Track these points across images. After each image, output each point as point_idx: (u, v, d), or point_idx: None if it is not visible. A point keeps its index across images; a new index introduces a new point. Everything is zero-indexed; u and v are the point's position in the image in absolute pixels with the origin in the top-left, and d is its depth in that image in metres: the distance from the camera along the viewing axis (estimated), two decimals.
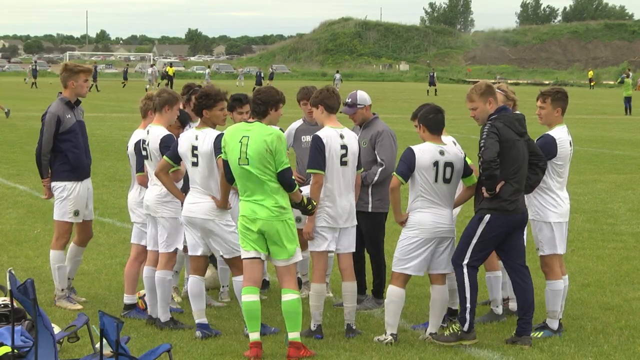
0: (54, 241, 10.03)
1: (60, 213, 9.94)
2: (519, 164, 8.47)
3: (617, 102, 57.92)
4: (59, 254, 9.96)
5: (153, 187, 9.20)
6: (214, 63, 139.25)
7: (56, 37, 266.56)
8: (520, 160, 8.48)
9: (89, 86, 10.09)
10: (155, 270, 9.24)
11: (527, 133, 8.62)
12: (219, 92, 8.88)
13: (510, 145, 8.40)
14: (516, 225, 8.58)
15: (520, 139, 8.50)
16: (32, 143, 28.22)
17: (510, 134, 8.44)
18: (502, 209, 8.44)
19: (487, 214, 8.47)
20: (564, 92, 9.25)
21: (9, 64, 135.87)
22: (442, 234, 8.62)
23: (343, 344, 8.63)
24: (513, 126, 8.48)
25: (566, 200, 9.13)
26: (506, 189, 8.42)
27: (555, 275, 9.06)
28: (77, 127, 9.93)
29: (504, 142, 8.38)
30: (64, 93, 9.93)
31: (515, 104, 9.47)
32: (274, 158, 8.18)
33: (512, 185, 8.44)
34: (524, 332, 8.66)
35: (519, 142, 8.48)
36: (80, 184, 9.92)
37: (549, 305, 9.05)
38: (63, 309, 9.80)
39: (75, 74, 9.86)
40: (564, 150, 9.01)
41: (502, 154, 8.36)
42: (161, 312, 9.12)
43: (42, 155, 9.87)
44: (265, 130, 8.28)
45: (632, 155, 27.83)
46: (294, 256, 8.30)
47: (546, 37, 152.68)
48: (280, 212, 8.21)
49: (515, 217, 8.52)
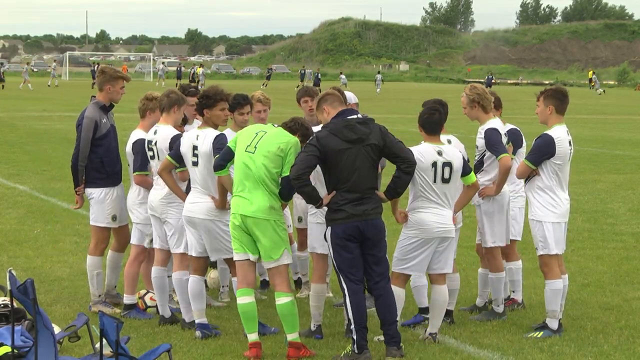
0: (92, 247, 9.93)
1: (99, 219, 9.84)
2: (349, 172, 8.01)
3: (617, 102, 57.98)
4: (97, 260, 9.88)
5: (158, 188, 9.20)
6: (214, 63, 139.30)
7: (56, 37, 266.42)
8: (350, 167, 8.00)
9: (124, 93, 10.01)
10: (163, 269, 9.28)
11: (370, 138, 8.06)
12: (219, 92, 8.88)
13: (336, 155, 8.00)
14: (358, 233, 8.05)
15: (352, 146, 8.01)
16: (32, 143, 28.44)
17: (335, 142, 8.01)
18: (336, 219, 8.07)
19: (327, 226, 8.21)
20: (558, 89, 9.20)
21: (9, 64, 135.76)
22: (442, 234, 8.61)
23: (343, 344, 8.63)
24: (341, 134, 8.03)
25: (566, 201, 9.09)
26: (336, 199, 8.09)
27: (554, 275, 9.05)
28: (111, 131, 9.89)
29: (328, 152, 8.00)
30: (99, 97, 9.85)
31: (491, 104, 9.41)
32: (283, 160, 8.18)
33: (343, 195, 8.05)
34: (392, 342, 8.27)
35: (351, 149, 8.00)
36: (115, 189, 9.87)
37: (549, 304, 9.05)
38: (64, 310, 9.80)
39: (114, 79, 9.78)
40: (562, 150, 8.99)
41: (328, 164, 8.05)
42: (184, 312, 9.10)
43: (79, 161, 9.71)
44: (284, 132, 8.32)
45: (632, 155, 27.84)
46: (281, 258, 8.26)
47: (546, 37, 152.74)
48: (269, 211, 8.20)
49: (353, 225, 8.03)
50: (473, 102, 9.39)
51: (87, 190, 9.84)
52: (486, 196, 9.40)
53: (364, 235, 8.10)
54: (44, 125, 36.03)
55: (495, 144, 9.20)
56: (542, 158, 8.98)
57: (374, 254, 8.18)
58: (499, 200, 9.43)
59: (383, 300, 8.20)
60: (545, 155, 8.95)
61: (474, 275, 10.97)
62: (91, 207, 9.89)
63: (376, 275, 8.20)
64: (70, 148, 9.89)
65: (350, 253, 8.09)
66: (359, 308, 8.08)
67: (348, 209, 8.04)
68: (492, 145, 9.22)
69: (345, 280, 8.13)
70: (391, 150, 8.16)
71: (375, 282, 8.21)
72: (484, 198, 9.44)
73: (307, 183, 8.01)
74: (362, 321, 8.08)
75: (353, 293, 8.10)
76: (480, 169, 9.46)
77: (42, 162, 23.55)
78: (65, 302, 10.17)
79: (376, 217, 8.16)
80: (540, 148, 8.98)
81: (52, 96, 61.30)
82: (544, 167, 9.02)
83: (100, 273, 9.89)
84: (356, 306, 8.08)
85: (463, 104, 9.49)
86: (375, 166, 8.19)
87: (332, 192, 8.12)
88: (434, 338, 8.73)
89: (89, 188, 9.82)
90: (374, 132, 8.13)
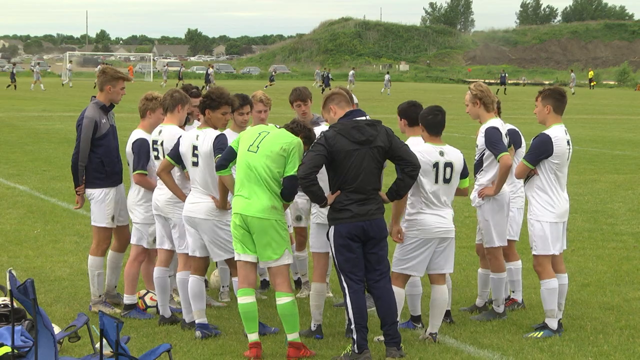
0: (94, 247, 9.92)
1: (99, 219, 9.84)
2: (355, 173, 8.05)
3: (617, 102, 57.98)
4: (99, 261, 9.88)
5: (164, 188, 9.21)
6: (214, 63, 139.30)
7: (56, 37, 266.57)
8: (357, 168, 8.04)
9: (124, 94, 10.01)
10: (165, 270, 9.29)
11: (377, 140, 8.09)
12: (224, 96, 8.87)
13: (343, 155, 8.04)
14: (362, 233, 8.08)
15: (359, 147, 8.06)
16: (32, 143, 28.44)
17: (344, 143, 8.05)
18: (341, 219, 8.09)
19: (330, 225, 8.22)
20: (555, 90, 9.21)
21: (8, 64, 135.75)
22: (442, 234, 8.62)
23: (343, 344, 8.63)
24: (349, 135, 8.06)
25: (564, 201, 9.09)
26: (341, 199, 8.12)
27: (547, 275, 9.04)
28: (111, 131, 9.88)
29: (336, 152, 8.05)
30: (99, 97, 9.85)
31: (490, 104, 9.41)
32: (286, 160, 8.18)
33: (348, 195, 8.08)
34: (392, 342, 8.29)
35: (359, 151, 8.04)
36: (115, 189, 9.86)
37: (546, 304, 9.04)
38: (65, 310, 9.80)
39: (115, 79, 9.77)
40: (560, 149, 8.99)
41: (335, 164, 8.08)
42: (185, 312, 9.09)
43: (79, 160, 9.71)
44: (287, 133, 8.32)
45: (632, 155, 27.83)
46: (281, 258, 8.27)
47: (546, 37, 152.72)
48: (271, 211, 8.20)
49: (357, 226, 8.05)
50: (475, 98, 9.37)
51: (88, 191, 9.84)
52: (486, 196, 9.40)
53: (367, 235, 8.11)
54: (44, 125, 36.04)
55: (495, 142, 9.20)
56: (540, 157, 8.99)
57: (376, 252, 8.19)
58: (500, 200, 9.42)
59: (383, 300, 8.20)
60: (542, 155, 8.96)
61: (474, 275, 10.97)
62: (91, 208, 9.89)
63: (377, 274, 8.20)
64: (70, 148, 9.89)
65: (352, 253, 8.10)
66: (360, 308, 8.09)
67: (353, 209, 8.06)
68: (492, 144, 9.21)
69: (346, 280, 8.13)
70: (396, 152, 8.18)
71: (376, 281, 8.21)
72: (483, 198, 9.44)
73: (315, 182, 8.02)
74: (363, 321, 8.09)
75: (354, 292, 8.10)
76: (479, 168, 9.46)
77: (42, 162, 23.56)
78: (65, 302, 10.17)
79: (379, 216, 8.19)
80: (538, 147, 8.98)
81: (52, 96, 61.30)
82: (542, 167, 9.02)
83: (102, 273, 9.89)
84: (357, 306, 8.08)
85: (466, 101, 9.49)
86: (380, 168, 8.23)
87: (337, 192, 8.13)
88: (434, 338, 8.73)
89: (89, 188, 9.82)
90: (381, 134, 8.16)
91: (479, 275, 9.96)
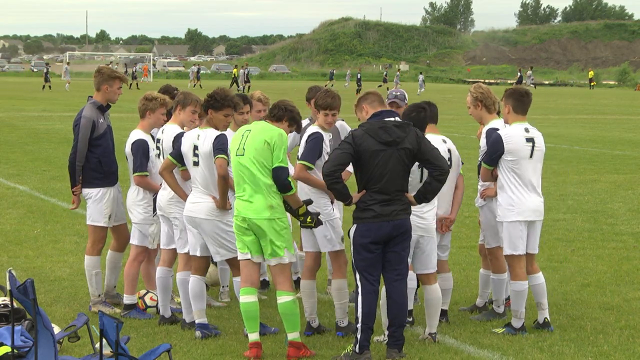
0: (89, 247, 9.93)
1: (96, 218, 9.84)
2: (380, 173, 8.02)
3: (617, 102, 57.99)
4: (95, 260, 9.88)
5: (167, 188, 9.20)
6: (214, 63, 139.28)
7: (56, 37, 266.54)
8: (382, 168, 8.00)
9: (121, 93, 10.00)
10: (168, 270, 9.30)
11: (404, 141, 8.03)
12: (228, 98, 8.87)
13: (369, 155, 8.00)
14: (384, 234, 8.07)
15: (386, 148, 8.01)
16: (32, 143, 28.44)
17: (370, 143, 8.02)
18: (363, 218, 8.10)
19: (354, 223, 8.21)
20: (516, 90, 9.21)
21: (8, 64, 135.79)
22: (419, 232, 8.62)
23: (343, 344, 8.63)
24: (376, 135, 8.03)
25: (529, 200, 8.97)
26: (365, 198, 8.11)
27: (516, 276, 9.01)
28: (108, 131, 9.88)
29: (363, 152, 8.01)
30: (96, 97, 9.84)
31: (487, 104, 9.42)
32: (271, 153, 8.20)
33: (372, 195, 8.06)
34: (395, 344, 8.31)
35: (385, 151, 8.00)
36: (112, 189, 9.86)
37: (512, 304, 9.04)
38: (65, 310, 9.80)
39: (112, 79, 9.77)
40: (513, 146, 8.91)
41: (361, 163, 8.06)
42: (185, 312, 9.10)
43: (77, 160, 9.71)
44: (268, 126, 8.35)
45: (632, 155, 27.82)
46: (283, 257, 8.29)
47: (546, 37, 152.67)
48: (270, 211, 8.21)
49: (381, 226, 8.04)
50: (477, 100, 9.37)
51: (85, 191, 9.83)
52: (488, 197, 9.40)
53: (390, 235, 8.09)
54: (44, 125, 36.04)
55: (490, 146, 9.20)
56: (493, 157, 8.99)
57: (397, 252, 8.15)
58: None
59: (397, 301, 8.19)
60: (495, 154, 8.96)
61: (474, 275, 10.97)
62: (88, 207, 9.89)
63: (396, 274, 8.17)
64: (70, 148, 9.89)
65: (370, 253, 8.09)
66: (370, 309, 8.09)
67: (376, 209, 8.05)
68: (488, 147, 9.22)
69: (361, 279, 8.13)
70: (425, 156, 8.13)
71: (394, 280, 8.19)
72: (485, 199, 9.44)
73: (339, 180, 8.01)
74: (370, 322, 8.09)
75: (367, 293, 8.10)
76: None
77: (42, 162, 23.56)
78: (65, 302, 10.17)
79: (404, 217, 8.15)
80: (490, 147, 9.03)
81: (52, 96, 61.28)
82: (499, 166, 9.01)
83: (99, 273, 9.89)
84: (368, 306, 8.09)
85: (468, 103, 9.49)
86: (407, 170, 8.16)
87: (363, 191, 8.13)
88: (433, 338, 8.73)
89: (87, 188, 9.82)
90: (410, 136, 8.10)
91: (480, 275, 9.96)
